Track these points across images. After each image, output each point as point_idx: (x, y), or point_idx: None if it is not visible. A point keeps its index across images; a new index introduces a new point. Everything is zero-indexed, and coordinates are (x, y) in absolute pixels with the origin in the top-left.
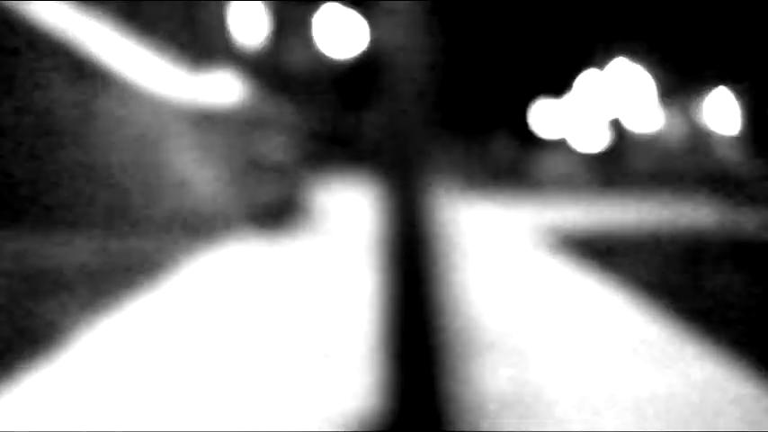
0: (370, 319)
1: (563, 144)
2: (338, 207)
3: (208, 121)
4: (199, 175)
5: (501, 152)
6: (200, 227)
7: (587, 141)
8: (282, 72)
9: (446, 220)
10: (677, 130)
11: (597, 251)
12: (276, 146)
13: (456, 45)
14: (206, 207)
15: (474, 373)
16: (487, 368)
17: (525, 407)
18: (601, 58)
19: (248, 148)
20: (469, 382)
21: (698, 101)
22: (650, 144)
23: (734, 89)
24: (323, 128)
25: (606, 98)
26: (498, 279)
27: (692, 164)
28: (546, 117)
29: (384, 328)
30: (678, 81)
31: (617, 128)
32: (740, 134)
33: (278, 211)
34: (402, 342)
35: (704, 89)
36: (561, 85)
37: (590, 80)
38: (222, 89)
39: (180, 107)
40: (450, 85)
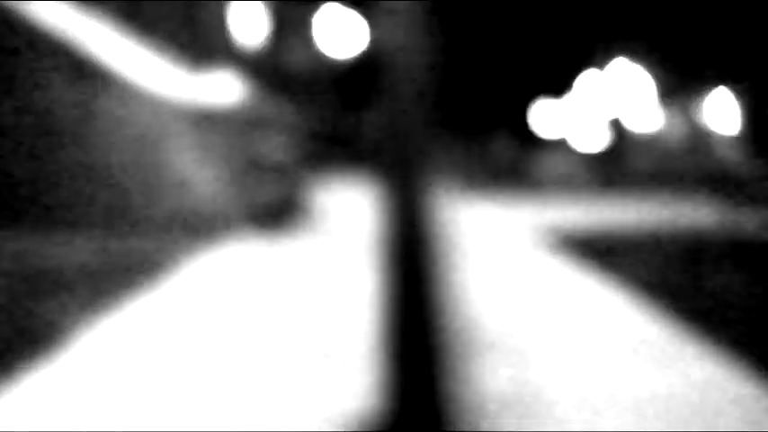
0: (370, 319)
1: (563, 144)
2: (338, 207)
3: (208, 121)
4: (199, 175)
5: (501, 152)
6: (200, 227)
7: (587, 141)
8: (282, 72)
9: (446, 220)
10: (677, 130)
11: (597, 251)
12: (276, 146)
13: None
14: (206, 207)
15: (474, 373)
16: (487, 368)
17: (525, 407)
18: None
19: (248, 148)
20: (469, 382)
21: (698, 101)
22: (650, 144)
23: (734, 89)
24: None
25: (606, 98)
26: (498, 279)
27: (692, 164)
28: (546, 117)
29: (384, 328)
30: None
31: (617, 128)
32: (740, 134)
33: (278, 211)
34: (402, 342)
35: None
36: (561, 85)
37: (590, 80)
38: (222, 89)
39: (180, 107)
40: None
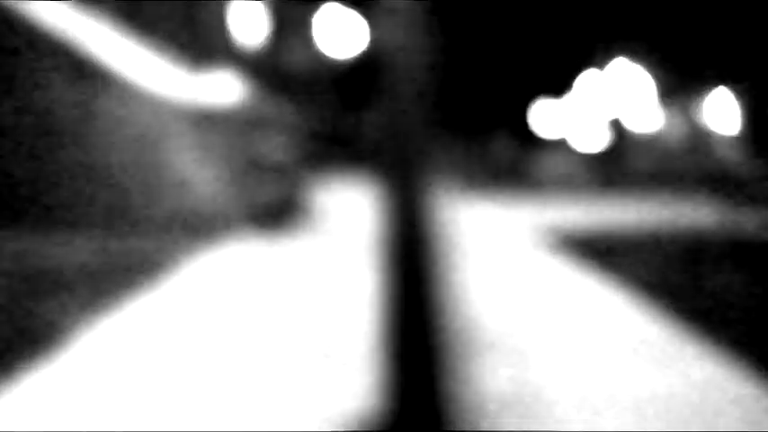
0: (370, 319)
1: (563, 144)
2: (338, 207)
3: (208, 121)
4: (199, 175)
5: (501, 152)
6: (200, 227)
7: (587, 141)
8: (282, 72)
9: (446, 220)
10: (677, 130)
11: (597, 251)
12: (276, 146)
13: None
14: (206, 207)
15: (474, 372)
16: (487, 368)
17: (525, 407)
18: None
19: (248, 148)
20: (469, 382)
21: (698, 101)
22: (650, 144)
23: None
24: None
25: (606, 98)
26: (498, 279)
27: (692, 164)
28: (546, 117)
29: (384, 328)
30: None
31: (617, 128)
32: (740, 134)
33: (278, 211)
34: (402, 342)
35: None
36: (561, 85)
37: (590, 80)
38: (222, 89)
39: (180, 107)
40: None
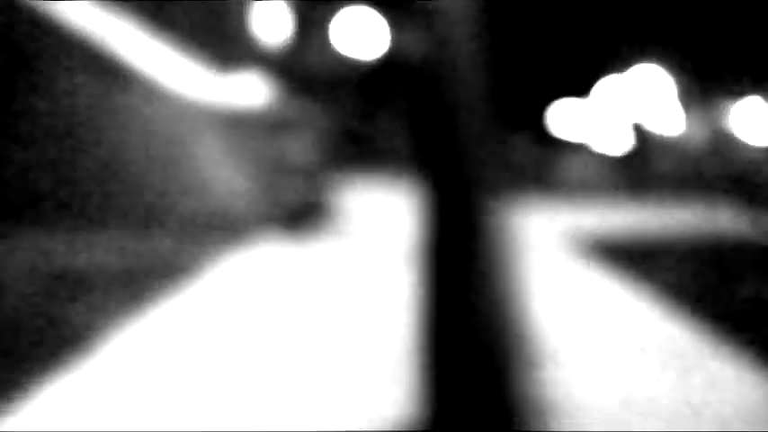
0: (405, 324)
1: (586, 147)
2: (364, 208)
3: (233, 123)
4: (224, 176)
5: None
6: (226, 228)
7: (611, 144)
8: (307, 73)
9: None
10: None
11: (626, 256)
12: (301, 147)
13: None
14: (232, 209)
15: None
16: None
17: (561, 412)
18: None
19: (273, 150)
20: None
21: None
22: (674, 148)
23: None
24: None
25: (629, 101)
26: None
27: (718, 168)
28: (569, 120)
29: (421, 334)
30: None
31: (640, 131)
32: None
33: (303, 212)
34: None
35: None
36: (584, 88)
37: (613, 83)
38: (248, 91)
39: (205, 109)
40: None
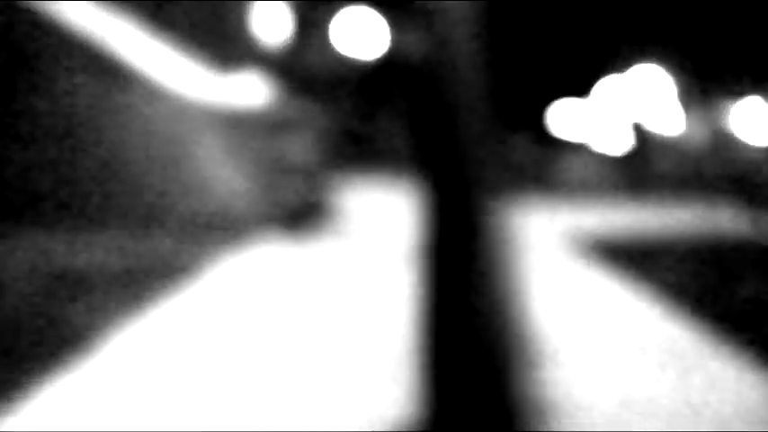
0: (405, 324)
1: (586, 147)
2: (364, 208)
3: (234, 123)
4: (224, 176)
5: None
6: (226, 229)
7: (611, 144)
8: (307, 73)
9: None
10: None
11: (626, 256)
12: (302, 147)
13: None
14: (232, 209)
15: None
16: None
17: (561, 412)
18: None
19: (273, 150)
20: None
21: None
22: (674, 148)
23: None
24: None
25: (629, 101)
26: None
27: (718, 168)
28: (569, 119)
29: (421, 334)
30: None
31: (640, 131)
32: None
33: (304, 212)
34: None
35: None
36: (584, 88)
37: (613, 83)
38: (248, 91)
39: (206, 109)
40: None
